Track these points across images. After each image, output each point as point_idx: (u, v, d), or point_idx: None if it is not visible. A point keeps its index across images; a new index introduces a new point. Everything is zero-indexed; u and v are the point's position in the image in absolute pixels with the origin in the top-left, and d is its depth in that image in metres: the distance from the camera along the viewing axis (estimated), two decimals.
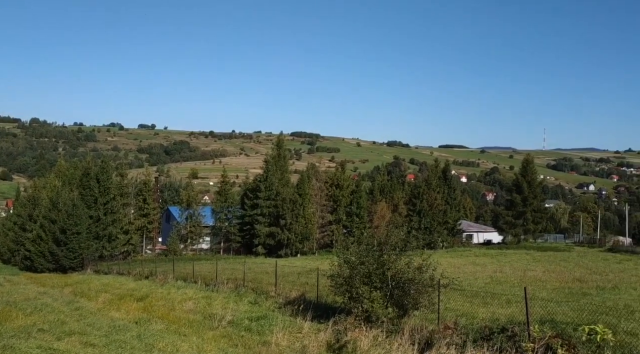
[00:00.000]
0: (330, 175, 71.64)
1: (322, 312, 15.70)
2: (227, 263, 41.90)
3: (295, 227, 59.30)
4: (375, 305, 13.05)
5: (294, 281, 23.71)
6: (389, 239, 14.58)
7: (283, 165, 68.93)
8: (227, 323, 15.38)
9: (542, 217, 79.87)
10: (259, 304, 18.84)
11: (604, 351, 9.71)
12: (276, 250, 59.59)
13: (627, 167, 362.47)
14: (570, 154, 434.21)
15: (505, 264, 40.43)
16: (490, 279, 28.72)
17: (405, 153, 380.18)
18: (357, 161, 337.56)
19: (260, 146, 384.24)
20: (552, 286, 25.40)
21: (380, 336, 11.75)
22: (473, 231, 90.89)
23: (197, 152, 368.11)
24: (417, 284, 13.37)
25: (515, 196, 78.50)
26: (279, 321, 14.74)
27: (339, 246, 15.75)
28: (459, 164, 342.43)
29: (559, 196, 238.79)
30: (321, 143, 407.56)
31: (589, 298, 20.74)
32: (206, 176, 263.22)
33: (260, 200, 62.44)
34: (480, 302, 18.82)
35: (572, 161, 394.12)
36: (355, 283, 13.59)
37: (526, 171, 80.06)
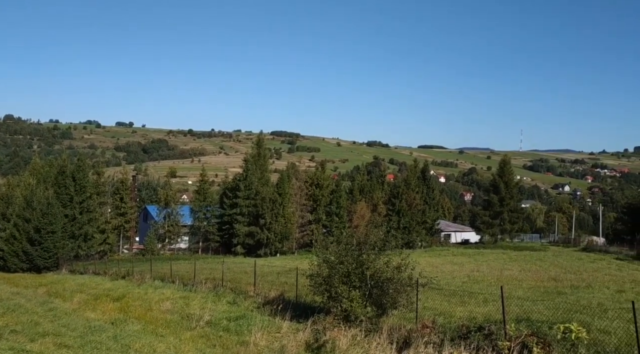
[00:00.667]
0: (310, 174, 71.62)
1: (301, 312, 15.68)
2: (206, 263, 41.58)
3: (275, 226, 59.13)
4: (354, 304, 13.07)
5: (273, 281, 23.63)
6: (368, 238, 14.64)
7: (263, 164, 68.67)
8: (205, 323, 15.25)
9: (518, 217, 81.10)
10: (237, 304, 18.72)
11: (578, 349, 9.90)
12: (255, 250, 59.34)
13: (601, 169, 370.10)
14: (546, 155, 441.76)
15: (482, 264, 40.96)
16: (467, 278, 29.05)
17: (385, 153, 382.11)
18: (337, 160, 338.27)
19: (240, 145, 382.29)
20: (528, 285, 25.81)
21: (359, 335, 11.78)
22: (451, 231, 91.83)
23: (176, 151, 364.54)
24: (396, 284, 13.44)
25: (492, 196, 79.57)
26: (258, 321, 14.67)
27: (319, 245, 15.77)
28: (437, 165, 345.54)
29: (535, 196, 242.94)
30: (301, 143, 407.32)
31: (564, 297, 21.13)
32: (185, 175, 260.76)
33: (239, 199, 62.10)
34: (458, 301, 19.02)
35: (548, 162, 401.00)
36: (334, 282, 13.60)
37: (503, 172, 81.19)
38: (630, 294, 22.57)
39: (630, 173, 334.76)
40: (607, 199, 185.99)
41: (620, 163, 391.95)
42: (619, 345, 11.31)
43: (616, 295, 22.32)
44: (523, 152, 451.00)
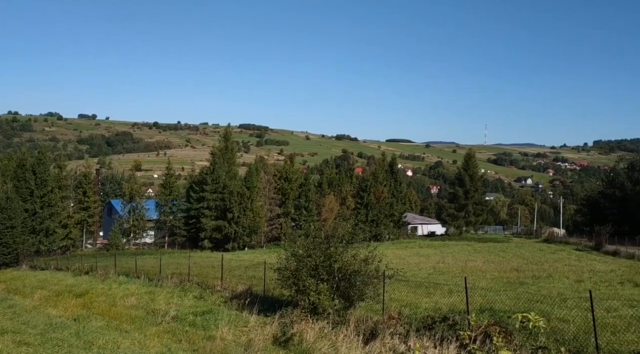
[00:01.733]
0: (279, 168, 71.45)
1: (269, 305, 15.65)
2: (172, 258, 41.08)
3: (243, 220, 58.77)
4: (321, 297, 13.13)
5: (241, 275, 23.52)
6: (336, 232, 14.70)
7: (230, 157, 68.08)
8: (171, 318, 15.06)
9: (482, 209, 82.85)
10: (204, 298, 18.57)
11: (538, 337, 10.19)
12: (223, 244, 58.89)
13: (562, 162, 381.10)
14: (510, 149, 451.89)
15: (447, 255, 41.71)
16: (433, 270, 29.56)
17: (353, 147, 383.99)
18: (306, 154, 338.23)
19: (207, 138, 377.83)
20: (492, 275, 26.43)
21: (326, 327, 11.84)
22: (418, 223, 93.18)
23: (141, 144, 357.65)
24: (363, 276, 13.56)
25: (457, 189, 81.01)
26: (225, 315, 14.57)
27: (287, 239, 15.76)
28: (405, 158, 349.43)
29: (499, 189, 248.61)
30: (270, 136, 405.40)
31: (526, 287, 21.72)
32: (150, 169, 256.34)
33: (206, 193, 61.47)
34: (424, 292, 19.34)
35: (511, 156, 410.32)
36: (302, 275, 13.62)
37: (468, 165, 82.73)
38: (589, 283, 23.37)
39: (589, 166, 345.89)
40: (567, 192, 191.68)
41: (580, 157, 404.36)
42: (577, 333, 11.71)
43: (575, 285, 23.07)
44: (487, 146, 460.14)
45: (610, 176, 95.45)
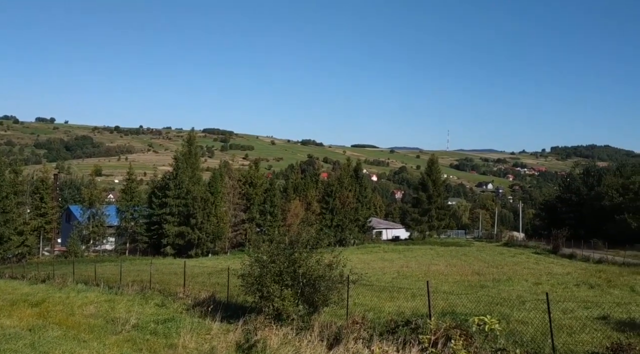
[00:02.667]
0: (243, 173, 70.89)
1: (232, 312, 15.49)
2: (133, 265, 40.19)
3: (207, 226, 58.03)
4: (286, 303, 13.06)
5: (204, 282, 23.21)
6: (300, 237, 14.68)
7: (194, 162, 67.15)
8: (132, 326, 14.70)
9: (445, 214, 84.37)
10: (166, 306, 18.22)
11: (497, 339, 10.41)
12: (186, 250, 57.98)
13: (521, 168, 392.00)
14: (471, 154, 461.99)
15: (411, 259, 42.26)
16: (397, 274, 29.88)
17: (319, 152, 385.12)
18: (272, 159, 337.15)
19: (170, 142, 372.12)
20: (454, 279, 26.91)
21: (290, 333, 11.79)
22: (382, 228, 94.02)
23: (102, 148, 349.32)
24: (328, 281, 13.56)
25: (421, 194, 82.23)
26: (187, 323, 14.33)
27: (251, 245, 15.64)
28: (370, 163, 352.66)
29: (461, 194, 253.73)
30: (235, 141, 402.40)
31: (486, 290, 22.21)
32: (111, 173, 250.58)
33: (169, 198, 60.46)
34: (388, 296, 19.53)
35: (472, 161, 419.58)
36: (266, 281, 13.52)
37: (431, 171, 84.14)
38: (546, 286, 24.08)
39: (547, 172, 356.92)
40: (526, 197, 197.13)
41: (538, 162, 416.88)
42: (535, 334, 12.03)
43: (533, 287, 23.73)
44: (450, 151, 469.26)
45: (566, 181, 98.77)
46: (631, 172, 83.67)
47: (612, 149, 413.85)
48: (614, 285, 24.32)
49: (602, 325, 14.41)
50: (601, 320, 15.22)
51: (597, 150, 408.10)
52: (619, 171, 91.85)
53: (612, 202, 71.71)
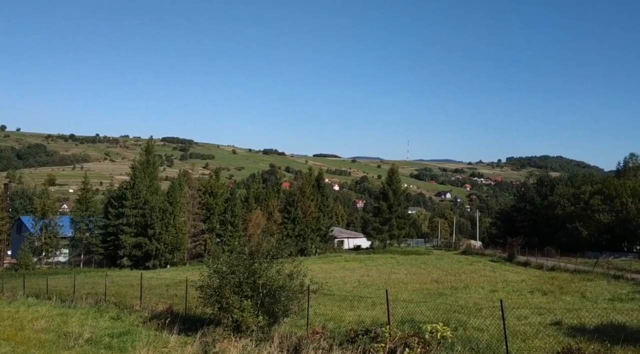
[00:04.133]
0: (203, 182, 70.00)
1: (190, 324, 15.23)
2: (88, 277, 39.01)
3: (165, 237, 56.91)
4: (245, 314, 12.92)
5: (162, 294, 22.74)
6: (260, 247, 14.58)
7: (152, 172, 65.87)
8: (85, 341, 14.22)
9: (405, 223, 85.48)
10: (121, 319, 17.75)
11: (454, 345, 10.60)
12: (144, 261, 56.63)
13: (478, 177, 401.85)
14: (431, 164, 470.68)
15: (372, 268, 42.57)
16: (358, 283, 30.03)
17: (281, 161, 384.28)
18: (233, 168, 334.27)
19: (127, 151, 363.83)
20: (413, 287, 27.26)
21: (249, 345, 11.66)
22: (344, 237, 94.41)
23: (55, 157, 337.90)
24: (288, 291, 13.51)
25: (382, 204, 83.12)
26: (143, 336, 13.98)
27: (211, 255, 15.40)
28: (332, 173, 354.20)
29: (421, 203, 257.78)
30: (195, 150, 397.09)
31: (444, 298, 22.58)
32: (65, 183, 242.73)
33: (126, 209, 59.07)
34: (348, 306, 19.60)
35: (432, 171, 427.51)
36: (225, 293, 13.36)
37: (392, 180, 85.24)
38: (502, 293, 24.69)
39: (503, 182, 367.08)
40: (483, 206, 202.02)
41: (495, 172, 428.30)
42: (491, 341, 12.32)
43: (490, 294, 24.29)
44: (410, 161, 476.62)
45: (521, 191, 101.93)
46: (582, 182, 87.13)
47: (564, 160, 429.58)
48: (566, 292, 25.15)
49: (555, 331, 14.87)
50: (554, 326, 15.70)
51: (550, 161, 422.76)
52: (570, 181, 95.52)
53: (564, 211, 74.37)
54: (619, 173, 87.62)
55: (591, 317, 16.67)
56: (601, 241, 67.60)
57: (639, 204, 64.35)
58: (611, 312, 17.61)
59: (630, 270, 34.28)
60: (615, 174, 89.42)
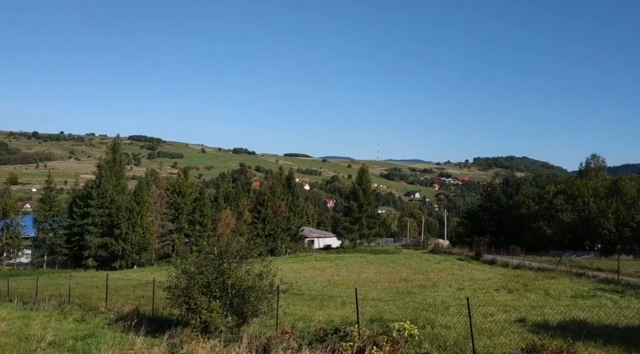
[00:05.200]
0: (172, 182, 69.00)
1: (158, 326, 14.99)
2: (51, 278, 38.02)
3: (132, 237, 55.89)
4: (214, 315, 12.79)
5: (128, 295, 22.33)
6: (229, 247, 14.44)
7: (119, 170, 64.60)
8: (48, 344, 13.82)
9: (375, 222, 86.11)
10: (86, 321, 17.34)
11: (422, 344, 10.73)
12: (110, 262, 55.50)
13: (446, 177, 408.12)
14: (400, 164, 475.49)
15: (342, 268, 42.70)
16: (328, 283, 30.09)
17: (251, 161, 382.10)
18: (202, 167, 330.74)
19: (93, 149, 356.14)
20: (382, 286, 27.47)
21: (218, 346, 11.54)
22: (314, 237, 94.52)
23: (18, 155, 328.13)
24: (257, 291, 13.43)
25: (352, 203, 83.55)
26: (109, 338, 13.69)
27: (179, 256, 15.17)
28: (302, 173, 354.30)
29: (390, 202, 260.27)
30: (163, 148, 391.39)
31: (413, 296, 22.84)
32: (28, 182, 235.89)
33: (91, 208, 57.77)
34: (318, 305, 19.62)
35: (401, 171, 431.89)
36: (193, 293, 13.19)
37: (362, 180, 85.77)
38: (469, 291, 25.11)
39: (470, 181, 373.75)
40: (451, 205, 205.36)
41: (462, 172, 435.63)
42: (458, 338, 12.51)
43: (457, 292, 24.67)
44: (380, 161, 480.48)
45: (487, 191, 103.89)
46: (546, 182, 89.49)
47: (529, 161, 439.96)
48: (530, 289, 25.74)
49: (519, 327, 15.20)
50: (518, 323, 16.05)
51: (516, 161, 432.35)
52: (535, 181, 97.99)
53: (529, 210, 76.17)
54: (581, 174, 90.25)
55: (554, 314, 17.11)
56: (564, 239, 69.50)
57: (600, 203, 66.37)
58: (573, 309, 18.12)
59: (592, 268, 35.33)
60: (578, 174, 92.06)
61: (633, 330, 14.00)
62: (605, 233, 64.56)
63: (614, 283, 28.22)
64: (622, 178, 72.02)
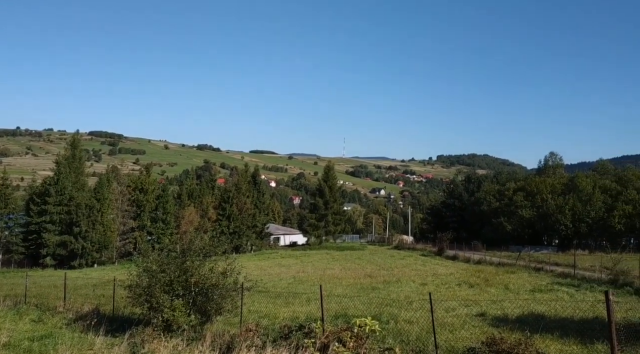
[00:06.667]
0: (133, 178, 67.57)
1: (118, 325, 14.67)
2: (6, 278, 36.74)
3: (92, 235, 54.52)
4: (176, 313, 12.58)
5: (88, 294, 21.75)
6: (192, 244, 14.23)
7: (78, 167, 62.84)
8: (2, 345, 13.33)
9: (341, 219, 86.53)
10: (43, 321, 16.81)
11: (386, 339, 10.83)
12: (69, 261, 54.01)
13: (410, 175, 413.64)
14: (366, 162, 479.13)
15: (308, 264, 42.73)
16: (293, 280, 30.04)
17: (216, 157, 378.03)
18: (165, 164, 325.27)
19: (51, 145, 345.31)
20: (347, 282, 27.60)
21: (180, 344, 11.36)
22: (280, 234, 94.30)
23: None
24: (221, 289, 13.29)
25: (318, 200, 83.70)
26: (67, 338, 13.30)
27: (141, 254, 14.85)
28: (268, 169, 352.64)
29: (356, 199, 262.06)
30: (124, 144, 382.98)
31: (377, 292, 23.04)
32: None
33: (49, 206, 56.03)
34: (283, 302, 19.57)
35: (367, 168, 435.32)
36: (155, 292, 12.94)
37: (328, 177, 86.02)
38: (432, 286, 25.50)
39: (433, 179, 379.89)
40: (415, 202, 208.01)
41: (426, 170, 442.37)
42: (421, 333, 12.69)
43: (420, 288, 25.01)
44: (346, 158, 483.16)
45: (450, 188, 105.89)
46: (506, 180, 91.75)
47: (491, 158, 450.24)
48: (491, 284, 26.32)
49: (480, 322, 15.53)
50: (479, 317, 16.40)
51: (477, 159, 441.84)
52: (495, 178, 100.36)
53: (489, 207, 77.97)
54: (540, 171, 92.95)
55: (513, 308, 17.55)
56: (523, 235, 71.45)
57: (557, 200, 68.46)
58: (532, 302, 18.62)
59: (549, 262, 36.40)
60: (537, 171, 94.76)
61: (587, 322, 14.50)
62: (563, 229, 66.68)
63: (570, 277, 29.13)
64: (578, 175, 74.50)
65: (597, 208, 64.97)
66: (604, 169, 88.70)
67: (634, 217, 61.55)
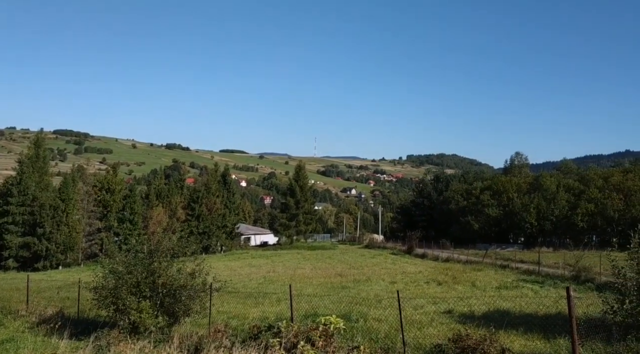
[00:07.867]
0: (100, 178, 66.19)
1: (83, 328, 14.36)
2: None
3: (56, 236, 53.18)
4: (143, 315, 12.39)
5: (52, 297, 21.23)
6: (160, 245, 14.03)
7: (42, 166, 61.15)
8: None
9: (312, 218, 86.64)
10: (4, 325, 16.33)
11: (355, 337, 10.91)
12: (32, 263, 52.57)
13: (381, 174, 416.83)
14: (337, 161, 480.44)
15: (278, 264, 42.64)
16: (264, 280, 29.95)
17: (185, 157, 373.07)
18: (133, 163, 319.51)
19: (14, 144, 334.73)
20: (318, 281, 27.67)
21: (147, 346, 11.18)
22: (251, 234, 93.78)
23: None
24: (189, 290, 13.15)
25: (289, 200, 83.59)
26: (30, 342, 12.97)
27: (107, 255, 14.55)
28: (239, 169, 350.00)
29: (327, 199, 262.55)
30: (91, 143, 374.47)
31: (347, 291, 23.17)
32: None
33: (11, 206, 54.43)
34: (253, 302, 19.49)
35: (338, 168, 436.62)
36: (122, 293, 12.72)
37: (299, 176, 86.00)
38: (401, 284, 25.79)
39: (403, 178, 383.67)
40: (385, 201, 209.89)
41: (396, 169, 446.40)
42: (389, 330, 12.82)
43: (389, 286, 25.27)
44: (317, 158, 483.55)
45: (419, 187, 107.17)
46: (473, 179, 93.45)
47: (459, 158, 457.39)
48: (458, 281, 26.78)
49: (447, 318, 15.79)
50: (447, 314, 16.67)
51: (446, 158, 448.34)
52: (463, 177, 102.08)
53: (457, 206, 79.24)
54: (506, 170, 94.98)
55: (480, 304, 17.90)
56: (490, 233, 72.88)
57: (523, 199, 70.05)
58: (497, 299, 19.03)
59: (515, 260, 37.21)
60: (503, 171, 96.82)
61: (551, 318, 14.91)
62: (528, 227, 68.26)
63: (535, 274, 29.86)
64: (543, 175, 76.40)
65: (560, 207, 66.72)
66: (567, 168, 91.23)
67: (596, 215, 63.45)
